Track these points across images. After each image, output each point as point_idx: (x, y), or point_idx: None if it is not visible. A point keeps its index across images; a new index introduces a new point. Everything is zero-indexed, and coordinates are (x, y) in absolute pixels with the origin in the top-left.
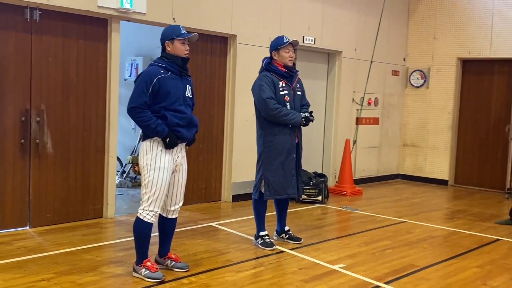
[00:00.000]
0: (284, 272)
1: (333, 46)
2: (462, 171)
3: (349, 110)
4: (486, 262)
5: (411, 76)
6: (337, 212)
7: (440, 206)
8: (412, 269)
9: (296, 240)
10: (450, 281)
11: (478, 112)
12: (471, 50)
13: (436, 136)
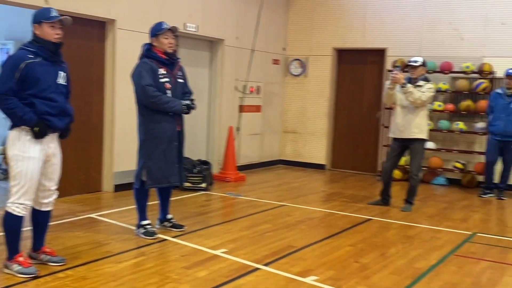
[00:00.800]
0: (166, 260)
1: (215, 34)
2: (338, 156)
3: (232, 98)
4: (359, 241)
5: (290, 65)
6: (221, 199)
7: (318, 189)
8: (290, 250)
9: (179, 228)
10: (325, 260)
11: (352, 100)
12: (345, 40)
13: (314, 122)
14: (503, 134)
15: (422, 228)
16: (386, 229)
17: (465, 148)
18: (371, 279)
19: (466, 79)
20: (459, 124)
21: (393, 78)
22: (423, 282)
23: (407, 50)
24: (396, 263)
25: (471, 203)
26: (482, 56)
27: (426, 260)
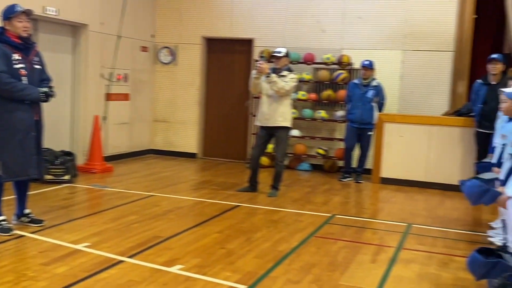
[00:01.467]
0: (22, 257)
1: (78, 18)
2: (209, 144)
3: (98, 85)
4: (226, 227)
5: (159, 52)
6: (86, 191)
7: (188, 178)
8: (156, 241)
9: (38, 223)
10: (191, 248)
11: (222, 89)
12: (214, 29)
13: (185, 111)
14: (360, 122)
15: (286, 212)
16: (252, 215)
17: (326, 135)
18: (235, 264)
19: (327, 70)
20: (321, 112)
21: (258, 68)
22: (284, 263)
23: (272, 41)
24: (260, 247)
25: (332, 187)
26: (341, 48)
27: (288, 243)
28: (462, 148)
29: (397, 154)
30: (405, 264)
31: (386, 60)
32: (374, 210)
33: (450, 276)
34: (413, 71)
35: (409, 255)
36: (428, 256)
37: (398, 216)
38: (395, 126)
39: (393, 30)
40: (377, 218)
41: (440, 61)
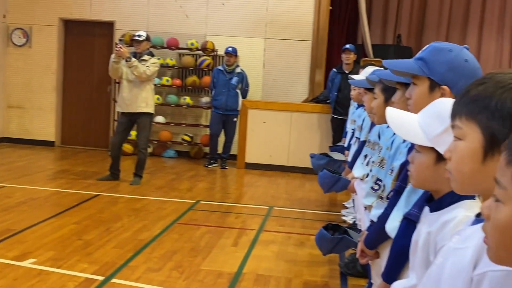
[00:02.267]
0: None
1: None
2: (68, 132)
3: None
4: (84, 218)
5: (12, 34)
6: None
7: (45, 167)
8: (7, 234)
9: None
10: (46, 241)
11: (82, 73)
12: (72, 11)
13: (42, 97)
14: (224, 108)
15: (149, 200)
16: (113, 204)
17: (192, 122)
18: (93, 255)
19: (192, 56)
20: (186, 98)
21: (118, 52)
22: (145, 252)
23: (135, 25)
24: (120, 236)
25: (198, 173)
26: (206, 34)
27: (150, 231)
28: (320, 133)
29: (260, 140)
30: (265, 245)
31: (249, 48)
32: (238, 194)
33: (305, 254)
34: (275, 59)
35: (269, 236)
36: (286, 237)
37: (261, 200)
38: (258, 113)
39: (255, 18)
40: (241, 203)
41: (299, 50)
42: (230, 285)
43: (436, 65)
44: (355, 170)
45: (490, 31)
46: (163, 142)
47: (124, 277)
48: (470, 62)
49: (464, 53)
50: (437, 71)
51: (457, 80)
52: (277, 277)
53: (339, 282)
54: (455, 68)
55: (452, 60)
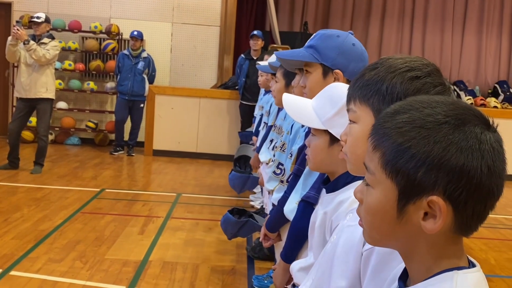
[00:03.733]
0: None
1: None
2: None
3: None
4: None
5: None
6: None
7: None
8: None
9: None
10: None
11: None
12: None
13: None
14: (131, 94)
15: (51, 189)
16: (12, 194)
17: (97, 108)
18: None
19: (95, 39)
20: (90, 83)
21: (15, 34)
22: (46, 242)
23: (34, 6)
24: (19, 227)
25: (103, 160)
26: (110, 17)
27: (52, 221)
28: (228, 119)
29: (168, 127)
30: (173, 232)
31: (156, 32)
32: (145, 182)
33: (213, 240)
34: (183, 44)
35: (177, 223)
36: (194, 223)
37: (169, 187)
38: (166, 98)
39: (162, 2)
40: (148, 190)
41: (207, 35)
42: (135, 273)
43: (327, 50)
44: (261, 155)
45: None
46: (66, 129)
47: (24, 269)
48: (357, 46)
49: (351, 38)
50: (328, 56)
51: (347, 63)
52: (184, 263)
53: (246, 266)
54: (344, 52)
55: (341, 45)
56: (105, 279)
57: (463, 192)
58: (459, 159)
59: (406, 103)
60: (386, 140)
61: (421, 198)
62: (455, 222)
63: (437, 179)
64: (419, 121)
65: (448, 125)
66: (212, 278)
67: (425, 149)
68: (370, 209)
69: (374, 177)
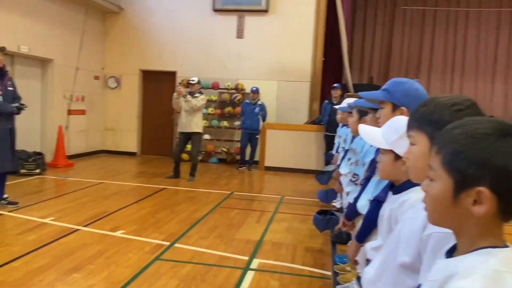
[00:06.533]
0: (1, 230)
1: (45, 54)
2: (145, 145)
3: (61, 104)
4: (156, 203)
5: (108, 80)
6: (52, 181)
7: (129, 169)
8: (104, 214)
9: (14, 204)
10: (131, 218)
11: (155, 106)
12: (148, 64)
13: (128, 122)
14: (250, 129)
15: (200, 191)
16: (176, 194)
17: (228, 138)
18: (162, 228)
19: (228, 93)
20: (224, 122)
21: (178, 91)
22: (198, 226)
23: (190, 73)
24: (180, 215)
25: (232, 173)
26: (237, 78)
27: (200, 212)
28: (316, 145)
29: (275, 150)
30: (278, 222)
31: (267, 87)
32: (259, 188)
33: (306, 228)
34: (285, 94)
35: (281, 216)
36: (293, 216)
37: (275, 191)
38: (273, 131)
39: (270, 67)
40: (262, 193)
41: (301, 87)
42: (254, 248)
43: (396, 93)
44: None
45: (436, 72)
46: (209, 152)
47: (183, 242)
48: (420, 90)
49: (415, 84)
50: (396, 97)
51: (411, 102)
52: (286, 244)
53: (330, 248)
54: (409, 94)
55: (407, 89)
56: (235, 251)
57: (505, 186)
58: (502, 161)
59: (460, 122)
60: (445, 147)
61: (471, 188)
62: (498, 209)
63: (484, 175)
64: (470, 133)
65: (493, 136)
66: (306, 255)
67: (474, 153)
68: (432, 197)
69: (436, 173)
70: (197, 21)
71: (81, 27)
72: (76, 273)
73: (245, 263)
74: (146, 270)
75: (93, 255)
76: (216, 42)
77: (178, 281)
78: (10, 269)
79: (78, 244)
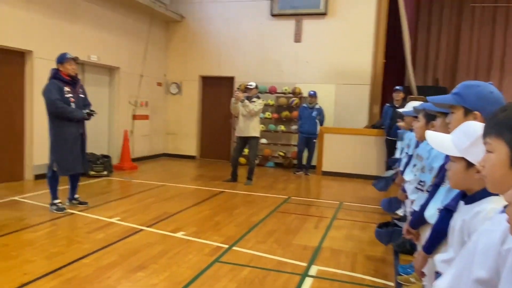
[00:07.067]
0: (72, 228)
1: (113, 63)
2: (204, 149)
3: (127, 109)
4: (215, 206)
5: (170, 86)
6: (118, 182)
7: (189, 172)
8: (166, 215)
9: (84, 204)
10: (191, 220)
11: (213, 111)
12: (207, 70)
13: (188, 127)
14: (307, 133)
15: (257, 195)
16: (234, 197)
17: (285, 142)
18: (221, 231)
19: (285, 97)
20: (281, 127)
21: (235, 96)
22: (255, 230)
23: (248, 78)
24: (238, 219)
25: (289, 178)
26: (295, 82)
27: (258, 216)
28: (376, 150)
29: (333, 155)
30: (337, 229)
31: (325, 90)
32: (317, 193)
33: (367, 236)
34: (343, 98)
35: (340, 223)
36: (353, 223)
37: (334, 197)
38: (331, 136)
39: (329, 70)
40: (319, 198)
41: (361, 91)
42: (312, 255)
43: (468, 97)
44: (406, 175)
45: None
46: (266, 156)
47: (241, 246)
48: (494, 93)
49: (489, 87)
50: (469, 101)
51: (485, 106)
52: (346, 251)
53: (392, 257)
54: (483, 98)
55: (480, 92)
56: (292, 257)
57: None
58: None
59: None
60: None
61: None
62: None
63: None
64: None
65: None
66: (366, 264)
67: None
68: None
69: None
70: (255, 27)
71: (145, 36)
72: (141, 272)
73: (303, 269)
74: (206, 271)
75: (156, 255)
76: (273, 47)
77: (237, 284)
78: (81, 266)
79: (142, 244)
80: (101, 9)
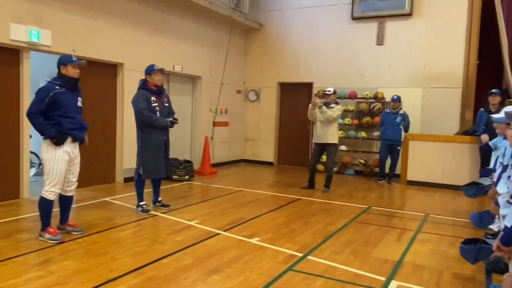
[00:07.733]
0: (155, 229)
1: (195, 72)
2: (282, 155)
3: (207, 116)
4: (290, 213)
5: (249, 93)
6: (199, 186)
7: (266, 178)
8: (242, 220)
9: (166, 207)
10: (266, 226)
11: (291, 117)
12: (285, 76)
13: (266, 133)
14: (390, 140)
15: (335, 204)
16: (310, 205)
17: (366, 149)
18: (296, 239)
19: (366, 103)
20: (362, 133)
21: (313, 103)
22: (332, 239)
23: (326, 83)
24: (314, 227)
25: (370, 186)
26: (377, 87)
27: (335, 225)
28: (468, 158)
29: (419, 163)
30: (422, 243)
31: (410, 95)
32: (400, 203)
33: (455, 252)
34: (431, 103)
35: (425, 236)
36: (440, 238)
37: (419, 208)
38: (417, 143)
39: (415, 73)
40: (403, 210)
41: (451, 95)
42: (392, 269)
43: None
44: (499, 187)
45: None
46: (345, 163)
47: (316, 255)
48: None
49: None
50: None
51: None
52: (431, 268)
53: (484, 276)
54: None
55: None
56: (370, 270)
57: None
58: None
59: None
60: None
61: None
62: None
63: None
64: None
65: None
66: (454, 282)
67: None
68: None
69: None
70: (335, 31)
71: (225, 46)
72: (216, 275)
73: (382, 284)
74: (279, 279)
75: (231, 259)
76: (354, 51)
77: None
78: (160, 265)
79: (219, 248)
80: (184, 21)
